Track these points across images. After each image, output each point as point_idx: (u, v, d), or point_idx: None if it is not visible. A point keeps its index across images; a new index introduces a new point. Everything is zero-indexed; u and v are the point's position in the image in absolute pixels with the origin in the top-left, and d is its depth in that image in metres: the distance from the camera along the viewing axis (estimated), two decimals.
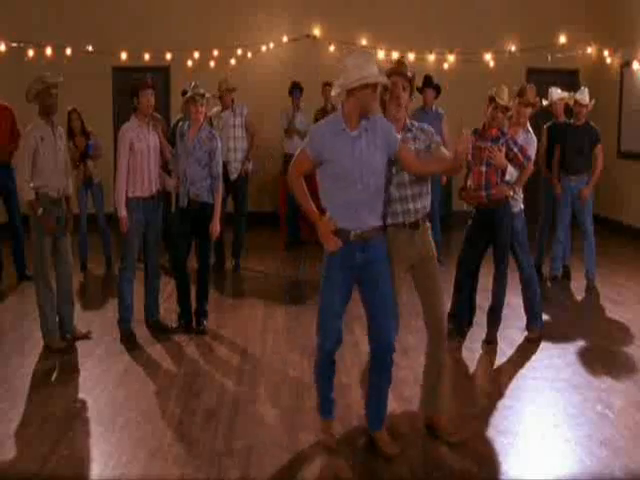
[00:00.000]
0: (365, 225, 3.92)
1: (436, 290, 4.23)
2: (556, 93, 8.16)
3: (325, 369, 4.19)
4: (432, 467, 3.99)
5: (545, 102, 8.13)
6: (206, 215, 6.19)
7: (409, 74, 4.15)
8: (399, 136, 4.08)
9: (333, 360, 4.18)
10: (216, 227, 6.22)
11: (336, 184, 3.90)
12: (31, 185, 5.64)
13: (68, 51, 10.78)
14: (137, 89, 5.92)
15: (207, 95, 6.29)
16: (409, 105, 4.24)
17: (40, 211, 5.65)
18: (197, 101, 6.13)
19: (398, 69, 4.18)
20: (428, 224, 4.31)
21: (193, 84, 6.25)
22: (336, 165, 3.86)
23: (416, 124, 4.26)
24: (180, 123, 6.52)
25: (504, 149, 5.66)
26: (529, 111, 6.22)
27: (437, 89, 8.85)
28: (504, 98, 5.64)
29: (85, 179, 8.29)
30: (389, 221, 4.15)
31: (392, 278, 4.06)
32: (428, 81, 8.90)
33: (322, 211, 3.98)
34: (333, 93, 3.96)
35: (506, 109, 5.68)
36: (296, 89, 9.76)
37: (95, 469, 3.96)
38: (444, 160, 4.12)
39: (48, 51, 10.75)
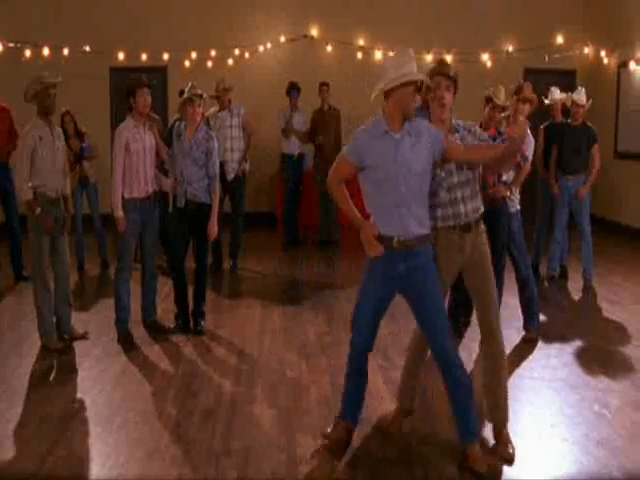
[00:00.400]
0: (409, 232, 3.78)
1: (485, 294, 4.10)
2: (557, 93, 8.18)
3: (353, 371, 4.09)
4: (429, 467, 3.99)
5: (547, 101, 8.14)
6: (203, 215, 6.19)
7: (452, 74, 4.03)
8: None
9: (362, 370, 4.07)
10: (214, 228, 6.21)
11: (379, 189, 3.81)
12: (29, 185, 5.64)
13: (65, 51, 10.80)
14: (133, 88, 5.91)
15: (204, 96, 6.29)
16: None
17: (38, 211, 5.65)
18: (194, 102, 6.12)
19: (441, 69, 4.08)
20: (483, 227, 4.17)
21: (190, 85, 6.25)
22: (379, 169, 3.78)
23: (462, 124, 4.13)
24: (177, 123, 6.53)
25: None
26: (527, 108, 6.18)
27: None
28: (501, 98, 5.65)
29: (81, 179, 8.30)
30: (440, 224, 4.04)
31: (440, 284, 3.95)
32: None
33: (367, 217, 3.91)
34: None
35: (503, 109, 5.69)
36: (294, 89, 9.76)
37: (93, 469, 3.96)
38: (497, 146, 4.01)
39: (45, 51, 10.76)
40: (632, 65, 10.39)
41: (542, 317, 6.40)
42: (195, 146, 6.14)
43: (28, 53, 10.75)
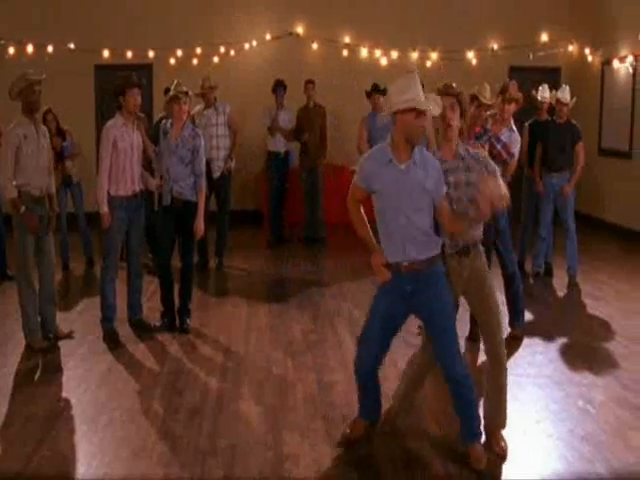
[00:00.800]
0: (414, 259, 3.80)
1: (488, 312, 4.11)
2: (547, 91, 8.20)
3: (361, 387, 4.21)
4: (416, 465, 4.01)
5: (539, 97, 8.15)
6: (189, 213, 6.17)
7: (455, 92, 4.01)
8: (452, 162, 3.99)
9: (369, 385, 4.17)
10: (200, 225, 6.20)
11: (384, 216, 3.83)
12: (14, 183, 5.61)
13: (50, 48, 10.72)
14: (124, 88, 5.89)
15: (190, 93, 6.27)
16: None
17: (22, 209, 5.62)
18: (180, 99, 6.11)
19: (444, 89, 4.06)
20: (481, 249, 4.18)
21: (175, 82, 6.24)
22: (383, 196, 3.80)
23: (470, 151, 4.10)
24: (163, 121, 6.51)
25: (487, 146, 5.69)
26: (512, 107, 6.23)
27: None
28: (486, 96, 5.67)
29: (64, 178, 8.25)
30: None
31: None
32: None
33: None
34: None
35: (489, 107, 5.72)
36: (279, 87, 9.74)
37: (78, 469, 3.94)
38: (466, 217, 3.94)
39: (29, 48, 10.68)
40: (616, 63, 10.45)
41: (527, 314, 6.43)
42: (181, 144, 6.13)
43: (12, 50, 10.67)
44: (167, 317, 6.37)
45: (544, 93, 8.20)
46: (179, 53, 11.12)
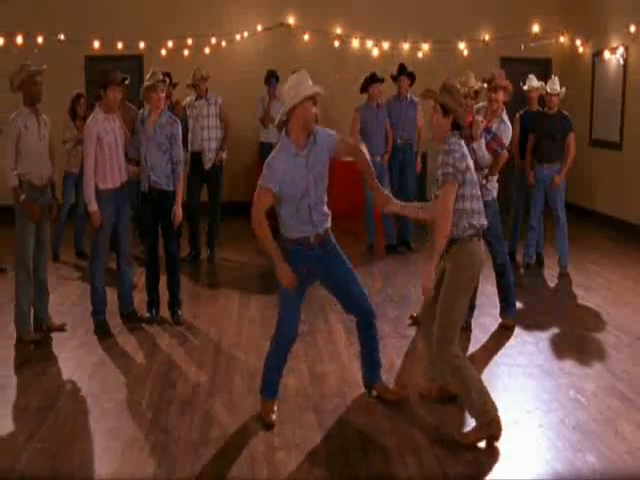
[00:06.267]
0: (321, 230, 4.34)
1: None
2: (534, 80, 8.22)
3: (283, 355, 4.54)
4: (408, 453, 4.02)
5: (525, 87, 8.19)
6: (167, 203, 6.12)
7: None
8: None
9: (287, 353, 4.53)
10: (178, 211, 6.13)
11: (291, 201, 4.23)
12: (15, 172, 5.60)
13: (39, 39, 10.64)
14: (106, 83, 5.88)
15: (166, 80, 6.26)
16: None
17: (23, 198, 5.61)
18: (158, 87, 6.10)
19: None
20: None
21: (152, 71, 6.25)
22: (294, 186, 4.21)
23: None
24: (141, 110, 6.51)
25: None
26: (501, 96, 6.14)
27: (412, 77, 8.88)
28: (471, 83, 5.67)
29: (81, 165, 8.18)
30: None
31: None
32: (402, 69, 8.92)
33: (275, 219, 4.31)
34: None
35: (476, 93, 5.70)
36: (272, 78, 9.71)
37: (70, 462, 3.94)
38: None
39: (19, 39, 10.59)
40: (606, 54, 10.45)
41: (518, 304, 6.44)
42: (159, 130, 6.08)
43: (1, 41, 10.58)
44: (154, 307, 6.33)
45: (531, 82, 8.21)
46: (170, 44, 11.05)
